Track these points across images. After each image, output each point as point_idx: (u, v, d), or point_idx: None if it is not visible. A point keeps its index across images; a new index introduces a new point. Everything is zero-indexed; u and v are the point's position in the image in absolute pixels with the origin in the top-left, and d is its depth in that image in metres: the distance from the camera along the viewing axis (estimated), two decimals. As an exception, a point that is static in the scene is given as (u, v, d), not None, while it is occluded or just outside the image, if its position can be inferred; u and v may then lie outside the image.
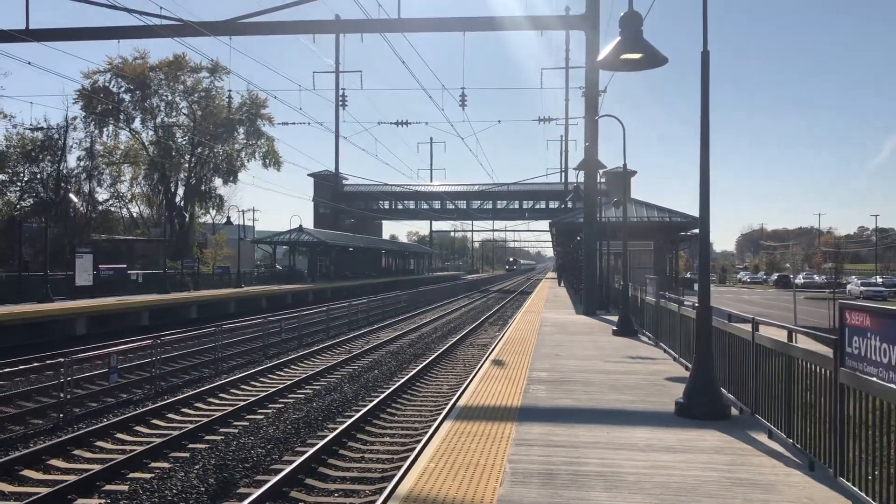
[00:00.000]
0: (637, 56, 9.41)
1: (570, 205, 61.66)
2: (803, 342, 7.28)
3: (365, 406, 13.81)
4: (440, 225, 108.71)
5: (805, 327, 9.00)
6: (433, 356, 20.51)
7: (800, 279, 74.45)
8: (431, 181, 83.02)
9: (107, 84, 54.71)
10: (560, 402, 9.63)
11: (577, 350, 15.14)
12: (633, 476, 6.33)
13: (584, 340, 17.00)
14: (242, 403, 13.95)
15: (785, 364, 7.11)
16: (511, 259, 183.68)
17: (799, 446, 6.75)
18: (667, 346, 14.45)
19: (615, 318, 19.89)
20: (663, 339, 14.98)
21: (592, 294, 26.01)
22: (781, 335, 7.38)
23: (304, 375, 17.26)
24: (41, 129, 49.03)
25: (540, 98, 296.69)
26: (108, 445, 11.46)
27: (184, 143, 58.71)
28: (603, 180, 27.12)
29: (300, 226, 58.75)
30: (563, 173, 76.12)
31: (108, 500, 8.67)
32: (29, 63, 34.12)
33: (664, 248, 34.36)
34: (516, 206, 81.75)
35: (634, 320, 18.61)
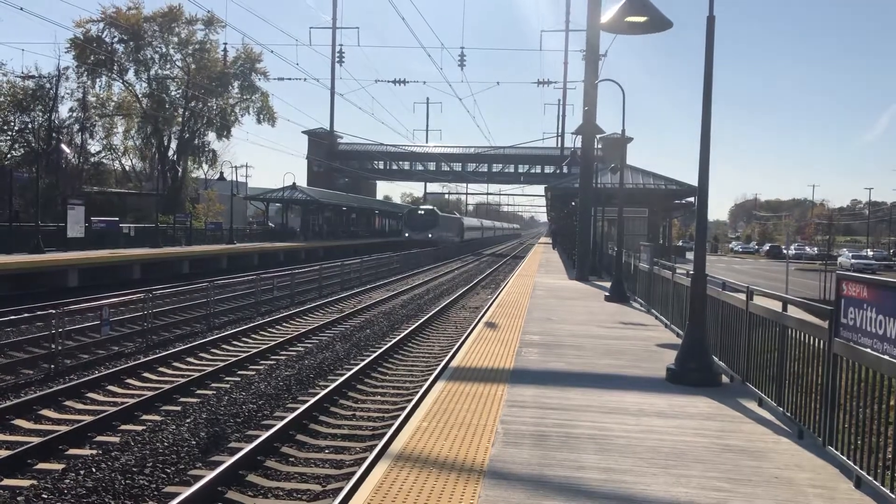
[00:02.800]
0: (642, 19, 9.29)
1: (566, 170, 61.50)
2: (794, 313, 7.31)
3: (357, 364, 13.85)
4: (435, 187, 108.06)
5: (797, 298, 9.02)
6: (425, 317, 20.55)
7: (791, 250, 74.72)
8: (427, 142, 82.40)
9: (100, 34, 53.91)
10: (552, 366, 9.67)
11: (570, 315, 15.19)
12: (623, 440, 6.38)
13: (576, 305, 17.05)
14: (234, 359, 13.97)
15: (778, 333, 7.14)
16: (421, 212, 75.13)
17: (789, 415, 6.81)
18: (659, 312, 14.51)
19: (608, 284, 19.96)
20: (655, 305, 15.04)
21: (585, 259, 26.06)
22: (775, 305, 7.39)
23: (297, 333, 17.29)
24: (32, 77, 48.38)
25: (539, 61, 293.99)
26: (100, 397, 11.48)
27: (177, 96, 58.07)
28: (600, 146, 27.03)
29: (293, 183, 58.35)
30: (559, 138, 75.63)
31: (100, 451, 8.69)
32: (21, 9, 33.60)
33: (658, 216, 34.36)
34: (512, 170, 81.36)
35: (627, 287, 18.67)
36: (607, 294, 18.67)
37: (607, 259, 27.09)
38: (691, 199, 34.62)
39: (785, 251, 61.07)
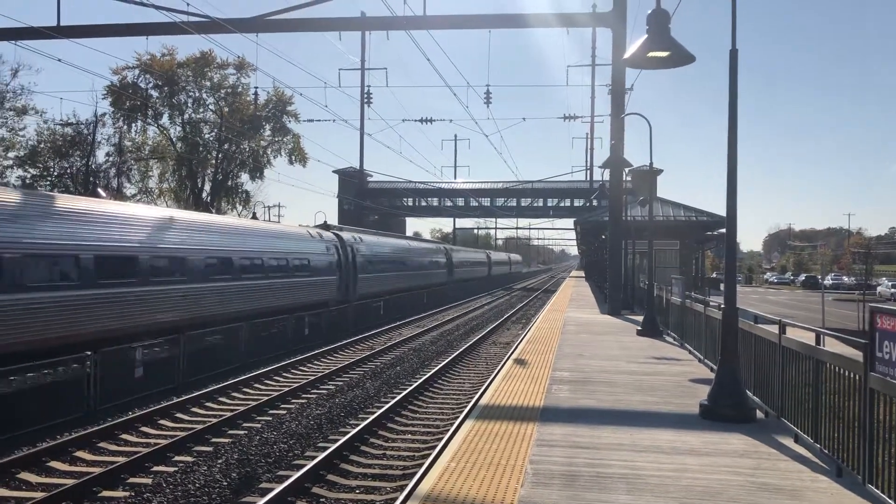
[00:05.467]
0: (664, 54, 9.32)
1: (595, 203, 61.33)
2: (831, 345, 7.16)
3: (387, 403, 13.82)
4: (464, 222, 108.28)
5: (833, 330, 8.89)
6: (455, 353, 20.47)
7: (828, 280, 73.42)
8: (455, 178, 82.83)
9: (135, 80, 55.31)
10: (583, 403, 9.56)
11: (601, 350, 15.03)
12: (656, 479, 6.27)
13: (607, 340, 16.88)
14: (266, 398, 14.04)
15: (812, 367, 7.00)
16: None
17: (826, 451, 6.64)
18: (692, 347, 14.31)
19: (640, 319, 19.73)
20: (688, 339, 14.84)
21: (617, 293, 25.84)
22: (809, 338, 7.26)
23: (327, 371, 17.32)
24: (71, 124, 49.74)
25: (565, 95, 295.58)
26: (133, 438, 11.58)
27: (211, 139, 59.23)
28: (629, 178, 26.97)
29: (325, 222, 58.76)
30: (588, 171, 75.60)
31: (133, 493, 8.75)
32: (59, 60, 34.72)
33: (690, 248, 34.03)
34: (540, 204, 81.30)
35: (659, 320, 18.45)
36: (639, 328, 18.46)
37: (639, 292, 26.82)
38: (723, 231, 34.28)
39: (821, 281, 59.98)
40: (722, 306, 9.41)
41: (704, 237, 37.09)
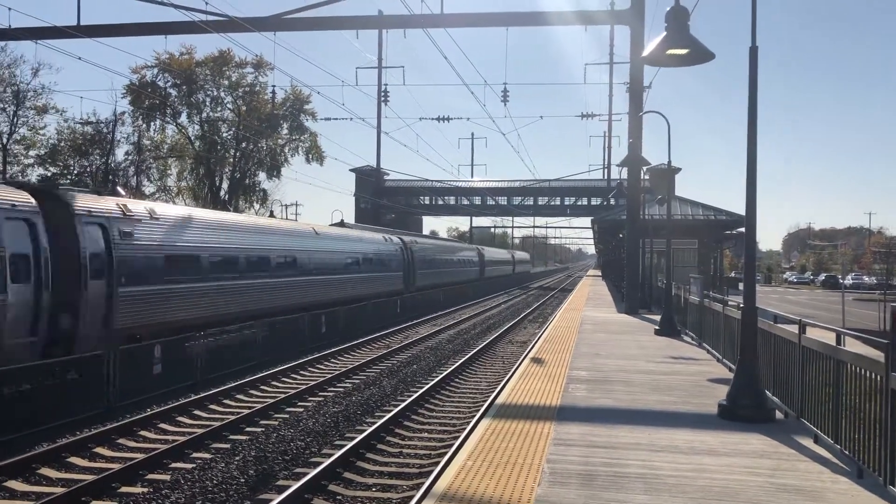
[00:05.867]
0: (683, 51, 9.25)
1: (612, 202, 61.09)
2: (852, 345, 7.09)
3: (403, 401, 13.83)
4: (480, 221, 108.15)
5: (854, 330, 8.81)
6: (472, 352, 20.46)
7: (848, 280, 72.69)
8: (472, 177, 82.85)
9: (154, 79, 55.71)
10: (600, 402, 9.53)
11: (619, 349, 14.97)
12: (673, 479, 6.23)
13: (625, 339, 16.81)
14: (283, 396, 14.10)
15: (833, 368, 6.93)
16: None
17: (847, 452, 6.58)
18: (710, 346, 14.22)
19: (657, 318, 19.63)
20: (707, 339, 14.74)
21: (634, 293, 25.72)
22: (829, 338, 7.19)
23: (344, 370, 17.36)
24: (91, 123, 50.20)
25: (583, 93, 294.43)
26: (152, 435, 11.67)
27: (228, 137, 59.55)
28: (647, 177, 26.81)
29: (341, 220, 58.93)
30: (605, 170, 75.24)
31: (151, 489, 8.82)
32: (79, 58, 35.00)
33: (709, 247, 33.80)
34: (558, 203, 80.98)
35: (677, 320, 18.34)
36: (657, 328, 18.36)
37: (657, 292, 26.67)
38: (742, 230, 33.97)
39: (841, 281, 59.41)
40: (741, 305, 9.34)
41: (723, 236, 36.81)
